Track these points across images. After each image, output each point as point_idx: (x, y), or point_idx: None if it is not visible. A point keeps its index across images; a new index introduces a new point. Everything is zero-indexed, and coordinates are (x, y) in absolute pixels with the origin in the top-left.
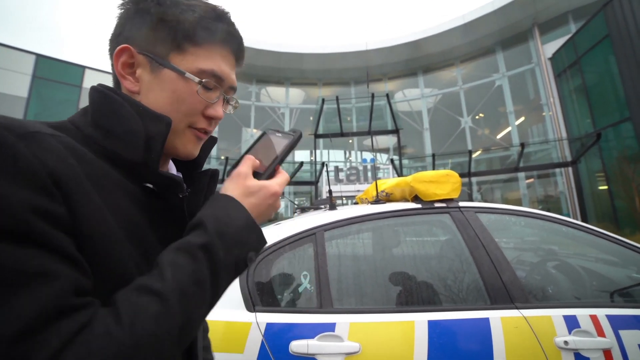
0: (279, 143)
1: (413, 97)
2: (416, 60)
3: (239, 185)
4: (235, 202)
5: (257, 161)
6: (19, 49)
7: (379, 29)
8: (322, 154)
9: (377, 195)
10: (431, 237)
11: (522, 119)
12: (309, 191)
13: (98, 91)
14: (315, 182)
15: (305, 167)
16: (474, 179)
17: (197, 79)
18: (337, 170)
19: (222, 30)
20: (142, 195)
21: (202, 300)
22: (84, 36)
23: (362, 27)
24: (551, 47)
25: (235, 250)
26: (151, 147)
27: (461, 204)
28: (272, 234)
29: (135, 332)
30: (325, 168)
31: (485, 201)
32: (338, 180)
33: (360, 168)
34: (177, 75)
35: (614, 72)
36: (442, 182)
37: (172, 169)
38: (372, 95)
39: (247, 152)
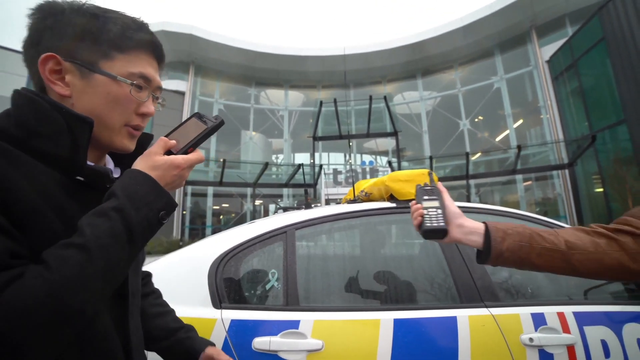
0: (199, 127)
1: (412, 100)
2: (415, 62)
3: (146, 161)
4: (142, 172)
5: (173, 142)
6: (14, 50)
7: (377, 31)
8: (322, 157)
9: (354, 195)
10: (404, 236)
11: (520, 121)
12: (308, 193)
13: (22, 95)
14: (314, 185)
15: (304, 169)
16: (472, 182)
17: (129, 81)
18: (336, 172)
19: (143, 39)
20: (73, 186)
21: (120, 251)
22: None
23: (361, 30)
24: (549, 50)
25: (144, 209)
26: (77, 145)
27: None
28: (245, 232)
29: (63, 273)
30: (302, 169)
31: (485, 204)
32: (337, 183)
33: (359, 170)
34: (109, 80)
35: (610, 74)
36: (418, 181)
37: (109, 163)
38: (370, 98)
39: (171, 132)
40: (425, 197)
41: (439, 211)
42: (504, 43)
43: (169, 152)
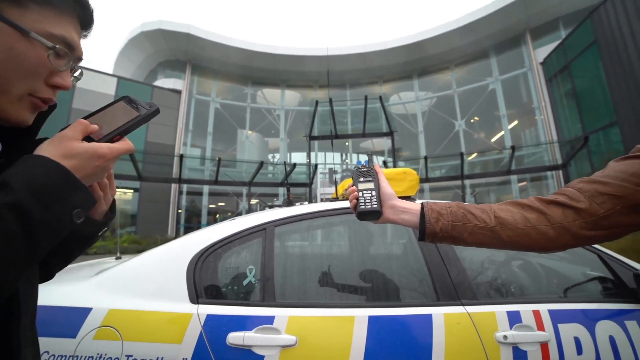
0: (130, 114)
1: (408, 100)
2: (411, 63)
3: (58, 147)
4: (51, 161)
5: (95, 127)
6: None
7: (376, 31)
8: (318, 156)
9: (336, 193)
10: (383, 234)
11: (515, 122)
12: (304, 193)
13: None
14: (309, 184)
15: (301, 169)
16: (467, 182)
17: (49, 44)
18: (331, 172)
19: None
20: None
21: (12, 260)
22: None
23: (359, 30)
24: (543, 52)
25: (55, 207)
26: None
27: (417, 202)
28: (225, 228)
29: None
30: (285, 169)
31: (481, 204)
32: (332, 182)
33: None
34: (14, 32)
35: (602, 77)
36: (398, 180)
37: None
38: (366, 98)
39: (91, 114)
40: (361, 179)
41: (374, 193)
42: (499, 45)
43: (88, 139)
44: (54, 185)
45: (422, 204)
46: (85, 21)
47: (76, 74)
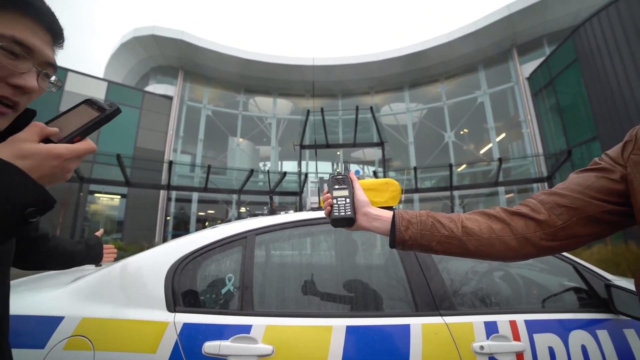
0: (90, 115)
1: (399, 111)
2: (402, 75)
3: (11, 149)
4: (1, 161)
5: (54, 129)
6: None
7: (370, 41)
8: (309, 165)
9: (319, 203)
10: (364, 244)
11: (503, 135)
12: (294, 202)
13: None
14: (300, 193)
15: (292, 177)
16: (455, 193)
17: None
18: (322, 181)
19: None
20: None
21: None
22: (68, 39)
23: (355, 40)
24: (529, 68)
25: (5, 206)
26: None
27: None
28: (206, 236)
29: None
30: (268, 177)
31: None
32: (323, 191)
33: None
34: None
35: (584, 93)
36: (380, 190)
37: None
38: (357, 108)
39: (53, 119)
40: (336, 187)
41: (348, 200)
42: (487, 59)
43: (47, 141)
44: (0, 185)
45: (394, 211)
46: (48, 26)
47: (52, 79)
